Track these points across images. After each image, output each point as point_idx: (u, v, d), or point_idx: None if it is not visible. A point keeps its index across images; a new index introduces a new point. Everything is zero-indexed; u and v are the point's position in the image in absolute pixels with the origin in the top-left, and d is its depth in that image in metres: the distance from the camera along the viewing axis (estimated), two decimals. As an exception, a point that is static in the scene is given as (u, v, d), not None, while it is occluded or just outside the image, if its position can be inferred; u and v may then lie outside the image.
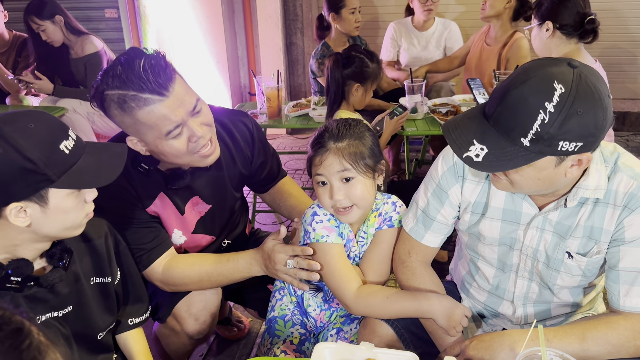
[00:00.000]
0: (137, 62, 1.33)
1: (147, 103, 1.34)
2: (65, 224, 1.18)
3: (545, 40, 2.39)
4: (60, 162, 1.11)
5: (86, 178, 1.16)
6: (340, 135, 1.43)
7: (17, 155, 1.06)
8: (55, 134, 1.13)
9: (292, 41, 4.80)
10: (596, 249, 1.30)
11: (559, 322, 1.48)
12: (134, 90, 1.32)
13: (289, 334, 1.61)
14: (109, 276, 1.37)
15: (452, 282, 1.67)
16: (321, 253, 1.50)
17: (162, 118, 1.36)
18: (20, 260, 1.17)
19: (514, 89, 1.11)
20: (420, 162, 3.80)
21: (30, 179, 1.08)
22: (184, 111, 1.39)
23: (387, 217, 1.56)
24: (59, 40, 3.44)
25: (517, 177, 1.19)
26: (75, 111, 3.45)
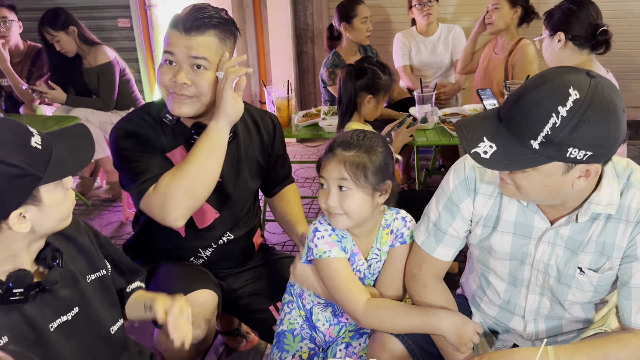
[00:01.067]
0: (201, 4, 1.58)
1: (174, 26, 1.54)
2: (60, 216, 1.20)
3: (557, 51, 2.38)
4: (39, 158, 1.13)
5: (68, 165, 1.18)
6: (350, 144, 1.44)
7: (1, 166, 1.07)
8: (21, 134, 1.13)
9: (303, 50, 4.81)
10: (608, 265, 1.28)
11: (570, 338, 1.46)
12: (178, 16, 1.56)
13: (298, 348, 1.61)
14: (103, 269, 1.38)
15: (463, 296, 1.66)
16: (326, 268, 1.49)
17: (169, 39, 1.55)
18: (18, 271, 1.18)
19: (529, 92, 1.11)
20: (430, 172, 3.79)
21: (21, 183, 1.10)
22: (185, 52, 1.52)
23: (398, 234, 1.55)
24: (72, 50, 3.48)
25: (524, 182, 1.18)
26: (88, 120, 3.49)
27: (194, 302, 1.61)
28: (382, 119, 3.09)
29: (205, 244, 1.81)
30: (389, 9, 4.69)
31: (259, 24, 4.77)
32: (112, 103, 3.60)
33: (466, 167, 1.40)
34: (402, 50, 3.79)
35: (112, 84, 3.56)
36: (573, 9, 2.32)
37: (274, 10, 4.57)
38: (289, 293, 1.72)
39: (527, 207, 1.33)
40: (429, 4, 3.64)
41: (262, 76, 4.90)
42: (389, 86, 2.50)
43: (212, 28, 1.53)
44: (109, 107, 3.60)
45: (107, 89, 3.56)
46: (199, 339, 1.65)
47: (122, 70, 3.63)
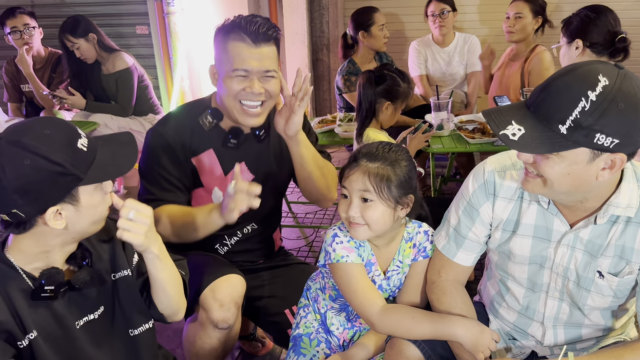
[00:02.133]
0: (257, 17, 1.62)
1: (239, 39, 1.60)
2: (94, 218, 1.23)
3: (574, 58, 2.37)
4: (83, 159, 1.16)
5: (109, 169, 1.21)
6: (375, 156, 1.44)
7: (45, 162, 1.10)
8: (70, 135, 1.17)
9: (318, 57, 4.84)
10: (628, 269, 1.28)
11: (589, 345, 1.45)
12: (239, 28, 1.60)
13: (315, 352, 1.61)
14: (127, 269, 1.39)
15: (480, 303, 1.65)
16: (342, 273, 1.50)
17: (239, 55, 1.60)
18: (51, 269, 1.22)
19: (559, 78, 1.13)
20: (445, 179, 3.78)
21: (62, 182, 1.13)
22: (257, 65, 1.60)
23: (421, 248, 1.56)
24: (92, 57, 3.54)
25: (548, 170, 1.18)
26: (106, 126, 3.54)
27: (226, 284, 1.66)
28: (398, 125, 3.10)
29: (231, 231, 1.85)
30: (403, 16, 4.70)
31: (275, 32, 4.81)
32: (130, 109, 3.65)
33: (485, 172, 1.41)
34: (418, 60, 3.79)
35: (130, 90, 3.61)
36: (591, 17, 2.32)
37: (290, 18, 4.60)
38: (305, 297, 1.73)
39: (547, 210, 1.33)
40: (441, 15, 3.62)
41: (278, 83, 4.93)
42: (407, 94, 2.51)
43: (274, 39, 1.63)
44: (127, 112, 3.65)
45: (125, 95, 3.61)
46: (229, 323, 1.66)
47: (140, 77, 3.68)
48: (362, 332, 1.63)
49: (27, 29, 3.69)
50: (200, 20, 4.62)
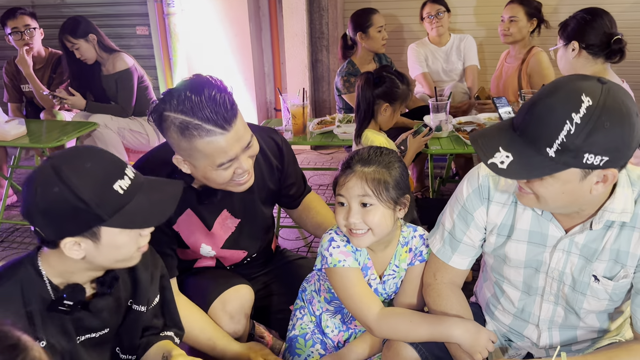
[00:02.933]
0: (207, 91, 1.36)
1: (209, 134, 1.36)
2: (117, 257, 1.22)
3: (571, 60, 2.38)
4: (112, 202, 1.15)
5: (137, 219, 1.19)
6: (369, 160, 1.44)
7: (71, 195, 1.11)
8: (111, 174, 1.16)
9: (318, 58, 4.85)
10: (623, 273, 1.29)
11: (585, 347, 1.46)
12: (199, 120, 1.35)
13: (309, 353, 1.62)
14: (144, 305, 1.40)
15: (477, 305, 1.66)
16: (339, 277, 1.50)
17: (219, 150, 1.39)
18: (75, 285, 1.23)
19: (542, 100, 1.12)
20: (444, 180, 3.79)
21: (82, 218, 1.13)
22: (240, 147, 1.44)
23: (417, 252, 1.56)
24: (92, 57, 3.55)
25: (542, 190, 1.19)
26: (106, 126, 3.54)
27: (235, 295, 1.66)
28: (397, 127, 3.10)
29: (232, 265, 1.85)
30: (402, 18, 4.71)
31: (274, 32, 4.82)
32: (130, 109, 3.66)
33: (480, 176, 1.41)
34: (419, 59, 3.83)
35: (130, 91, 3.62)
36: (587, 19, 2.33)
37: (290, 19, 4.61)
38: (300, 299, 1.74)
39: (542, 216, 1.33)
40: (438, 16, 3.70)
41: (278, 84, 4.94)
42: (406, 96, 2.51)
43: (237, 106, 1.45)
44: (127, 113, 3.65)
45: (125, 96, 3.61)
46: (239, 334, 1.67)
47: (140, 77, 3.69)
48: (357, 335, 1.64)
49: (27, 30, 3.71)
50: (200, 21, 4.63)
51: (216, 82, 1.41)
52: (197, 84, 1.38)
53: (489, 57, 4.38)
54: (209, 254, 1.73)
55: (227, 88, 1.42)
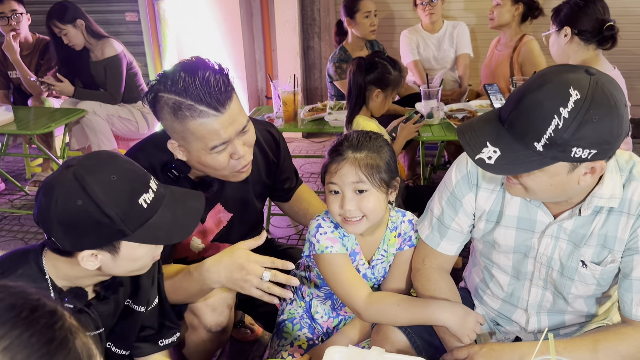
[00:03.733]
0: (201, 72, 1.34)
1: (201, 115, 1.35)
2: (132, 268, 1.19)
3: (563, 46, 2.38)
4: (136, 217, 1.11)
5: (160, 234, 1.16)
6: (360, 145, 1.43)
7: (96, 209, 1.06)
8: (136, 187, 1.12)
9: (309, 45, 4.82)
10: (610, 258, 1.29)
11: (573, 331, 1.47)
12: (192, 100, 1.34)
13: (296, 336, 1.62)
14: (143, 306, 1.38)
15: (466, 289, 1.67)
16: (327, 264, 1.50)
17: (212, 132, 1.38)
18: (78, 289, 1.19)
19: (530, 94, 1.11)
20: (435, 167, 3.78)
21: (105, 232, 1.09)
22: (234, 130, 1.41)
23: (406, 238, 1.56)
24: (80, 43, 3.50)
25: (530, 183, 1.19)
26: (95, 113, 3.51)
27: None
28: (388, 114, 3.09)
29: None
30: (394, 4, 4.69)
31: (266, 18, 4.78)
32: (119, 96, 3.62)
33: (468, 162, 1.41)
34: (410, 46, 3.81)
35: (119, 77, 3.58)
36: (580, 4, 2.32)
37: (281, 5, 4.57)
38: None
39: (530, 202, 1.33)
40: (431, 3, 3.67)
41: (269, 70, 4.91)
42: (398, 82, 2.50)
43: (232, 88, 1.42)
44: (116, 100, 3.62)
45: (114, 82, 3.58)
46: (222, 326, 1.65)
47: (129, 64, 3.65)
48: (347, 321, 1.64)
49: (14, 15, 3.65)
50: (190, 7, 4.58)
51: (212, 64, 1.40)
52: (193, 65, 1.37)
53: (482, 44, 4.37)
54: (198, 247, 1.72)
55: (223, 70, 1.41)
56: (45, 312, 0.64)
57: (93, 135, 3.55)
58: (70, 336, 0.64)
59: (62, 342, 0.63)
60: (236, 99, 1.43)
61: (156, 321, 1.44)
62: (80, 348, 0.65)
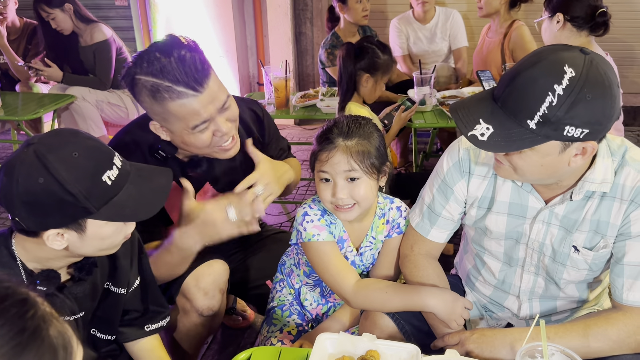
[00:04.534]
0: (176, 52, 1.33)
1: (180, 96, 1.34)
2: (101, 247, 1.17)
3: (555, 32, 2.38)
4: (101, 194, 1.09)
5: (126, 211, 1.14)
6: (350, 133, 1.41)
7: (58, 188, 1.04)
8: (100, 164, 1.10)
9: (301, 31, 4.78)
10: (602, 243, 1.29)
11: (564, 317, 1.48)
12: (169, 82, 1.32)
13: (286, 322, 1.62)
14: (124, 288, 1.36)
15: (457, 276, 1.67)
16: (314, 251, 1.49)
17: (192, 112, 1.37)
18: (50, 271, 1.17)
19: (524, 71, 1.10)
20: (427, 155, 3.79)
21: (69, 211, 1.07)
22: (214, 108, 1.40)
23: (395, 224, 1.55)
24: (68, 28, 3.45)
25: (521, 163, 1.18)
26: (84, 99, 3.47)
27: (208, 271, 1.62)
28: (381, 101, 3.08)
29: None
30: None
31: (257, 3, 4.73)
32: (108, 82, 3.58)
33: (460, 150, 1.40)
34: (400, 39, 3.74)
35: (108, 63, 3.54)
36: (573, -10, 2.32)
37: (273, -10, 4.53)
38: (279, 272, 1.73)
39: (522, 187, 1.33)
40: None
41: (260, 56, 4.87)
42: (388, 66, 2.48)
43: (209, 66, 1.40)
44: (106, 86, 3.58)
45: (104, 68, 3.54)
46: (214, 310, 1.64)
47: (119, 49, 3.61)
48: (336, 308, 1.64)
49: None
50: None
51: (187, 42, 1.38)
52: (167, 45, 1.35)
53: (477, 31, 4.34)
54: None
55: (198, 47, 1.39)
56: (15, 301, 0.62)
57: (82, 121, 3.52)
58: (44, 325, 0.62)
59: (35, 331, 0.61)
60: (214, 76, 1.41)
61: (140, 304, 1.43)
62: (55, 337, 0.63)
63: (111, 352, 1.43)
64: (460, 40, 3.71)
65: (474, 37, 4.30)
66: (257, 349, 1.29)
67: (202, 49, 1.40)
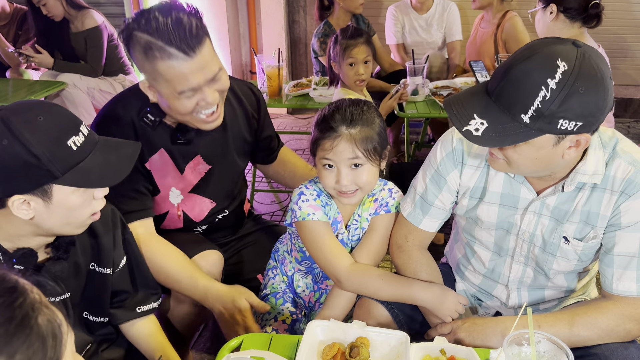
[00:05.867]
0: (174, 13, 1.35)
1: (170, 57, 1.34)
2: (68, 220, 1.16)
3: (548, 23, 2.39)
4: (66, 158, 1.09)
5: (92, 177, 1.13)
6: (353, 120, 1.40)
7: (21, 149, 1.04)
8: (64, 129, 1.10)
9: (295, 19, 4.75)
10: (592, 234, 1.30)
11: (552, 306, 1.49)
12: (162, 42, 1.33)
13: (280, 310, 1.63)
14: (109, 268, 1.35)
15: (447, 265, 1.68)
16: (308, 231, 1.49)
17: (180, 76, 1.37)
18: (25, 249, 1.16)
19: (517, 65, 1.11)
20: (419, 145, 3.80)
21: (33, 174, 1.07)
22: (203, 77, 1.40)
23: (383, 203, 1.55)
24: (59, 14, 3.42)
25: (515, 156, 1.19)
26: (75, 86, 3.44)
27: (204, 262, 1.62)
28: (374, 90, 3.09)
29: (203, 224, 1.81)
30: (382, -21, 4.63)
31: (250, -9, 4.69)
32: (100, 69, 3.55)
33: (454, 139, 1.41)
34: (396, 27, 3.73)
35: (99, 49, 3.51)
36: (566, -18, 2.32)
37: (266, -22, 4.50)
38: (273, 259, 1.74)
39: (514, 178, 1.34)
40: None
41: (253, 44, 4.84)
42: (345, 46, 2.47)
43: (205, 32, 1.40)
44: (97, 73, 3.55)
45: (95, 54, 3.51)
46: None
47: (110, 36, 3.57)
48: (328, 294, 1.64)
49: (-11, -16, 3.55)
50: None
51: (189, 7, 1.39)
52: (169, 6, 1.37)
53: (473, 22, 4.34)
54: (177, 198, 1.70)
55: (198, 13, 1.40)
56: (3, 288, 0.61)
57: (73, 108, 3.49)
58: (32, 313, 0.62)
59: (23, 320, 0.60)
60: (209, 45, 1.41)
61: (130, 284, 1.43)
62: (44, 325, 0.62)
63: (107, 336, 1.43)
64: (455, 34, 3.69)
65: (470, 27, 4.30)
66: (248, 336, 1.30)
67: (201, 15, 1.41)
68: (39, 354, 0.60)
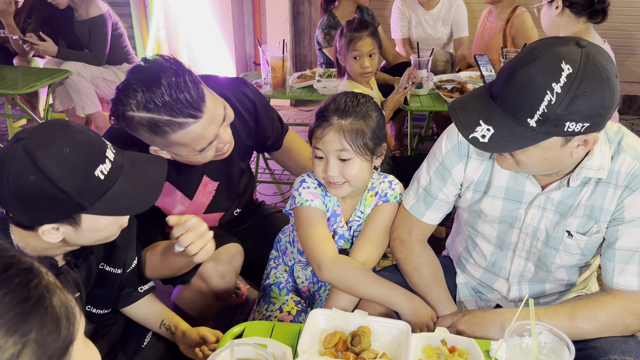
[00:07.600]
0: (164, 80, 1.26)
1: (182, 126, 1.30)
2: (97, 238, 1.16)
3: (554, 18, 2.38)
4: (94, 189, 1.07)
5: (120, 205, 1.12)
6: (346, 111, 1.40)
7: (50, 185, 1.02)
8: (91, 159, 1.07)
9: (299, 10, 4.74)
10: (596, 228, 1.31)
11: (552, 300, 1.50)
12: (168, 115, 1.27)
13: (284, 301, 1.63)
14: (120, 268, 1.36)
15: (448, 257, 1.69)
16: (302, 216, 1.49)
17: (196, 138, 1.35)
18: (47, 258, 1.16)
19: (521, 69, 1.10)
20: (423, 138, 3.79)
21: (63, 207, 1.06)
22: (216, 127, 1.39)
23: (382, 194, 1.54)
24: (63, 2, 3.42)
25: (523, 157, 1.19)
26: (79, 74, 3.45)
27: (226, 255, 1.64)
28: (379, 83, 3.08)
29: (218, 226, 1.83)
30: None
31: (255, -18, 4.68)
32: (104, 57, 3.55)
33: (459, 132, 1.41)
34: (402, 22, 3.71)
35: (104, 38, 3.50)
36: (572, -24, 2.31)
37: (271, -31, 4.48)
38: (275, 249, 1.74)
39: (519, 173, 1.34)
40: None
41: (257, 35, 4.83)
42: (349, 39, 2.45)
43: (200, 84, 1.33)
44: (101, 61, 3.55)
45: (99, 43, 3.50)
46: (230, 292, 1.68)
47: (115, 24, 3.57)
48: (327, 287, 1.64)
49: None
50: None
51: (170, 64, 1.29)
52: (152, 73, 1.27)
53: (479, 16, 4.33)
54: None
55: (183, 66, 1.31)
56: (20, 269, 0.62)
57: (77, 96, 3.49)
58: (47, 294, 0.62)
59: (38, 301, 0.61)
60: (208, 93, 1.36)
61: (137, 281, 1.45)
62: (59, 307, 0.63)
63: (107, 321, 1.45)
64: (462, 30, 3.67)
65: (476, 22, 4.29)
66: (250, 324, 1.31)
67: (185, 66, 1.33)
68: (52, 335, 0.60)
